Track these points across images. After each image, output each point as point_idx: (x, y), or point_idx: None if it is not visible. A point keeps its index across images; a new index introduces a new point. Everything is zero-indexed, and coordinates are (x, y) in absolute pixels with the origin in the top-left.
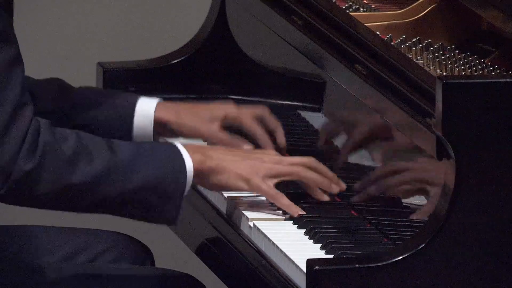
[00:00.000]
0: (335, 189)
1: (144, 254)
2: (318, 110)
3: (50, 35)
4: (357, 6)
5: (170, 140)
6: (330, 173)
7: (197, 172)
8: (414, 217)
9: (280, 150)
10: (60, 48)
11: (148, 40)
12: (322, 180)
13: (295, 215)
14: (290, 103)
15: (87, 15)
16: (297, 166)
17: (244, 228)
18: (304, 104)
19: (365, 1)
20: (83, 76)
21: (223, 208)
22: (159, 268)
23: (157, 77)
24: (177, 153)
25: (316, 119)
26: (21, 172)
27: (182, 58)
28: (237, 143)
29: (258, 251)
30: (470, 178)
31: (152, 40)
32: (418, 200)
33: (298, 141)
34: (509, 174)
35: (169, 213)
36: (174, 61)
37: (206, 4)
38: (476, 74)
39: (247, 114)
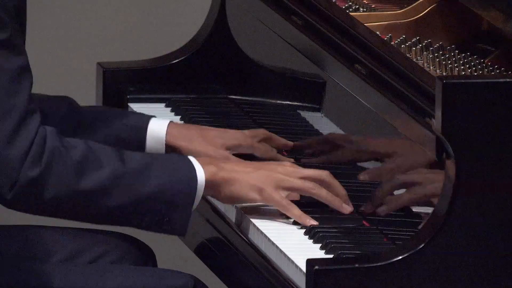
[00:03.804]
0: (345, 209)
1: (146, 255)
2: (318, 110)
3: (50, 35)
4: (357, 6)
5: None
6: (342, 191)
7: (210, 183)
8: (413, 217)
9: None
10: (60, 48)
11: (148, 40)
12: (333, 200)
13: (307, 225)
14: (290, 103)
15: (87, 15)
16: (309, 181)
17: (244, 229)
18: (304, 104)
19: (365, 1)
20: (83, 76)
21: (224, 209)
22: (161, 269)
23: (157, 77)
24: (189, 164)
25: (316, 119)
26: (27, 178)
27: (182, 58)
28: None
29: (258, 251)
30: (470, 178)
31: (152, 40)
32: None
33: (298, 141)
34: (509, 174)
35: (178, 223)
36: (174, 61)
37: (206, 4)
38: (476, 74)
39: (256, 141)
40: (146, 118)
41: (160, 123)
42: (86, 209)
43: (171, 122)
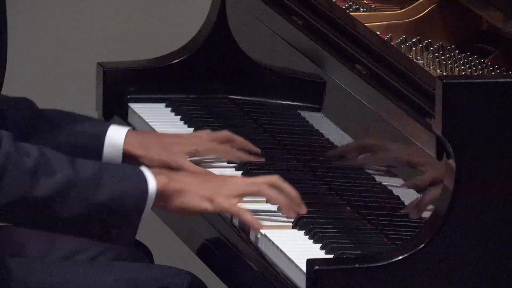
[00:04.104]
0: (293, 213)
1: (143, 253)
2: (318, 110)
3: (50, 35)
4: (357, 6)
5: None
6: (293, 194)
7: (161, 193)
8: (413, 217)
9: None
10: (60, 48)
11: (148, 40)
12: (283, 201)
13: (259, 229)
14: (290, 103)
15: (87, 15)
16: (259, 184)
17: (244, 228)
18: (304, 104)
19: (365, 1)
20: (83, 76)
21: None
22: (158, 265)
23: (157, 77)
24: (140, 174)
25: (316, 119)
26: None
27: (182, 58)
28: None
29: (258, 251)
30: (470, 178)
31: (152, 40)
32: (418, 200)
33: (298, 141)
34: (509, 174)
35: (126, 234)
36: (174, 61)
37: (206, 4)
38: (476, 74)
39: (216, 143)
40: (105, 126)
41: (118, 131)
42: (36, 216)
43: (129, 130)
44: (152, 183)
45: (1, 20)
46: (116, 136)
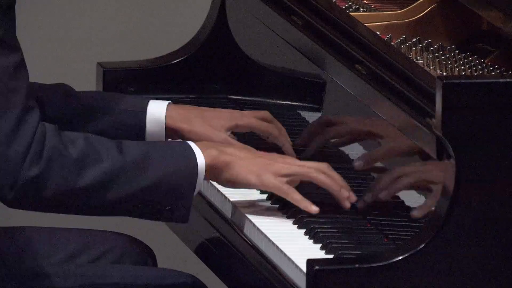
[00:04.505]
0: (343, 196)
1: (146, 254)
2: (318, 110)
3: (50, 35)
4: (357, 6)
5: None
6: (342, 182)
7: (211, 167)
8: (414, 217)
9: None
10: (60, 48)
11: (148, 40)
12: (332, 184)
13: (310, 210)
14: (290, 103)
15: (87, 15)
16: (308, 168)
17: (244, 228)
18: (304, 104)
19: (365, 1)
20: (83, 76)
21: (223, 209)
22: (161, 268)
23: (157, 77)
24: (189, 150)
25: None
26: (27, 178)
27: (182, 58)
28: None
29: (258, 251)
30: (470, 178)
31: (152, 40)
32: (418, 200)
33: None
34: (509, 174)
35: (180, 211)
36: (174, 61)
37: (206, 4)
38: (476, 74)
39: (256, 119)
40: (145, 101)
41: (159, 106)
42: (86, 204)
43: (169, 103)
44: (201, 158)
45: (14, 17)
46: (157, 110)
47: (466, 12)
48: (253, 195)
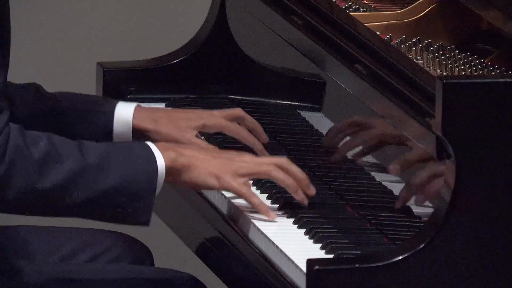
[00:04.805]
0: (300, 196)
1: (143, 254)
2: (318, 110)
3: (50, 35)
4: (357, 6)
5: None
6: (301, 175)
7: (170, 169)
8: (414, 217)
9: (264, 147)
10: (60, 48)
11: (148, 40)
12: (289, 182)
13: (267, 216)
14: (290, 103)
15: (87, 15)
16: (267, 165)
17: (244, 228)
18: (304, 104)
19: (365, 1)
20: (83, 76)
21: (223, 208)
22: (159, 268)
23: (157, 77)
24: (149, 152)
25: (316, 119)
26: None
27: (182, 58)
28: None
29: (258, 251)
30: (470, 178)
31: (152, 40)
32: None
33: (298, 141)
34: (509, 174)
35: (141, 214)
36: (174, 61)
37: (206, 4)
38: (476, 74)
39: (225, 119)
40: (114, 102)
41: (127, 107)
42: (48, 206)
43: (137, 105)
44: (161, 160)
45: (5, 10)
46: (125, 112)
47: (466, 12)
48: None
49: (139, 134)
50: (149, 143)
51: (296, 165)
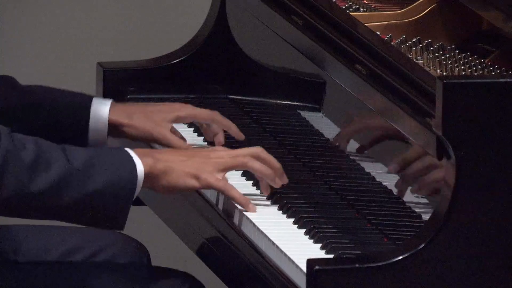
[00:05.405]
0: (277, 183)
1: (140, 252)
2: (318, 110)
3: (50, 35)
4: (357, 6)
5: (121, 139)
6: (276, 164)
7: (147, 175)
8: (414, 217)
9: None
10: (60, 48)
11: (148, 40)
12: (267, 172)
13: (247, 209)
14: (290, 103)
15: (87, 15)
16: (243, 156)
17: (244, 228)
18: (304, 104)
19: (365, 1)
20: (83, 76)
21: (223, 208)
22: (155, 267)
23: (157, 77)
24: (128, 158)
25: (316, 119)
26: None
27: (182, 58)
28: (185, 145)
29: (258, 251)
30: (470, 178)
31: (152, 40)
32: (418, 200)
33: (298, 141)
34: (509, 174)
35: (119, 218)
36: (174, 61)
37: (206, 4)
38: (476, 74)
39: (195, 108)
40: (89, 98)
41: (102, 102)
42: (33, 209)
43: (113, 101)
44: (140, 167)
45: None
46: (100, 107)
47: (466, 12)
48: (253, 194)
49: (114, 129)
50: (127, 149)
51: (296, 165)
